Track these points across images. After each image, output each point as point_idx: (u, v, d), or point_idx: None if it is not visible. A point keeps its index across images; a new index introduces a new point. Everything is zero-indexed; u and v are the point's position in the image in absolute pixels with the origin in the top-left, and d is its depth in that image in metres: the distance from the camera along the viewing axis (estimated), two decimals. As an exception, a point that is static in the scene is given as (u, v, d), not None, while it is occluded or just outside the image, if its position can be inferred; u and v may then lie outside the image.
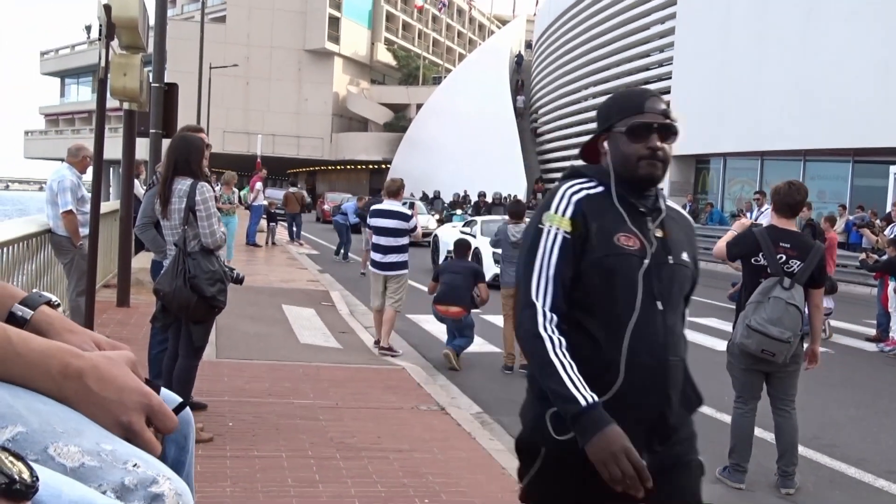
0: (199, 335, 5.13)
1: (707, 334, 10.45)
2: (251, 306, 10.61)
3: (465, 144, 46.58)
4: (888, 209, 19.18)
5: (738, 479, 5.12)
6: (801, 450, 5.95)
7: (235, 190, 16.21)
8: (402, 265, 8.81)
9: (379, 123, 66.61)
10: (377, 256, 8.81)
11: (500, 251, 8.95)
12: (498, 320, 11.21)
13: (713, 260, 6.36)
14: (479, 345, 9.54)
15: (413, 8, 77.44)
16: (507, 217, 8.84)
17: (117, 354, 1.24)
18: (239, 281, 5.47)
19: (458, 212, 23.54)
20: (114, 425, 1.16)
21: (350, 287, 13.82)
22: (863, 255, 11.11)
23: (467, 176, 40.21)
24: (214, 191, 5.35)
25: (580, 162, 2.43)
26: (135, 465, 1.12)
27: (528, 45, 60.72)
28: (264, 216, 20.96)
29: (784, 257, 4.85)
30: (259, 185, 20.11)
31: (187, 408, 1.45)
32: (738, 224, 5.26)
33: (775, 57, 25.79)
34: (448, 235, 17.24)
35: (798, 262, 4.84)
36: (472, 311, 8.83)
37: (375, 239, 8.86)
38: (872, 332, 11.28)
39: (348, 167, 69.25)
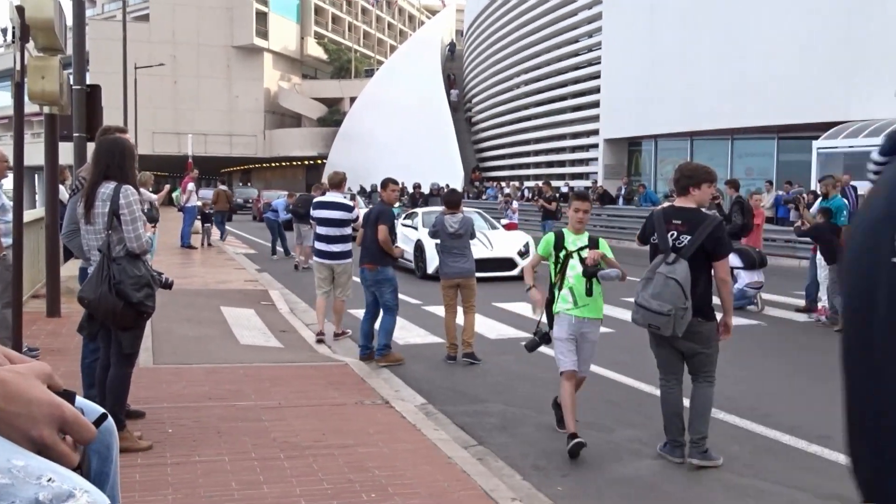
0: (129, 342, 5.00)
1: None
2: (188, 309, 10.43)
3: (400, 136, 46.47)
4: (813, 184, 19.70)
5: (677, 453, 5.21)
6: (739, 421, 6.13)
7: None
8: (348, 255, 9.13)
9: (312, 118, 66.00)
10: (322, 247, 9.08)
11: (438, 242, 8.85)
12: (441, 311, 11.25)
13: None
14: (421, 336, 9.57)
15: (342, 0, 76.83)
16: (444, 207, 8.75)
17: (27, 367, 1.20)
18: (168, 286, 5.37)
19: (396, 204, 23.44)
20: (24, 440, 1.12)
21: (289, 285, 13.68)
22: (798, 222, 11.42)
23: (404, 168, 40.05)
24: (141, 195, 5.22)
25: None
26: (49, 480, 1.08)
27: (459, 35, 60.80)
28: (198, 217, 20.58)
29: (675, 234, 4.97)
30: (191, 185, 19.71)
31: (109, 418, 1.41)
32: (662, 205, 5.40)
33: (702, 39, 26.29)
34: None
35: (688, 237, 4.93)
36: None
37: (320, 230, 9.15)
38: (802, 303, 11.61)
39: (283, 164, 68.52)
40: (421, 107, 46.56)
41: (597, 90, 33.29)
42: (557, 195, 23.58)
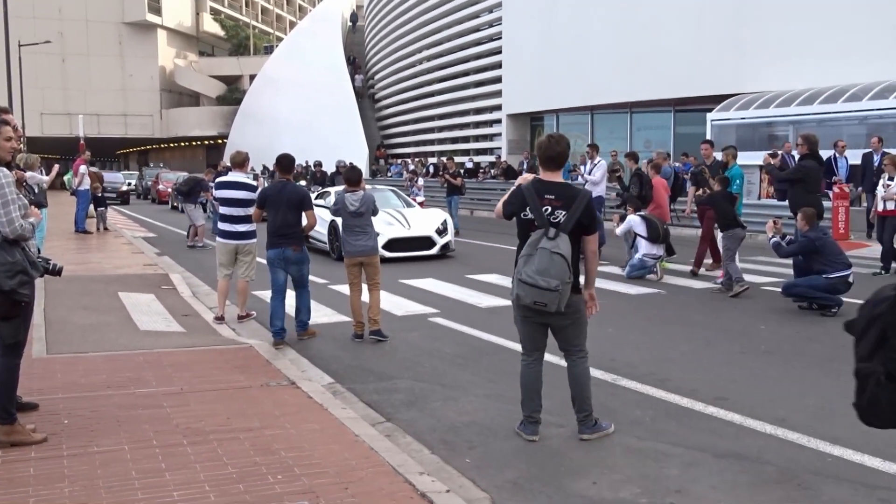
0: (10, 332, 4.76)
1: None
2: (84, 296, 10.06)
3: (302, 114, 45.72)
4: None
5: (531, 430, 5.19)
6: (639, 386, 6.32)
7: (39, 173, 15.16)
8: (252, 234, 8.99)
9: (211, 97, 64.28)
10: (226, 227, 8.91)
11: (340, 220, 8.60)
12: (347, 290, 11.17)
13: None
14: (328, 315, 9.49)
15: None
16: (344, 185, 8.61)
17: None
18: (57, 272, 5.15)
19: (302, 183, 22.86)
20: None
21: (191, 268, 13.34)
22: (699, 192, 11.80)
23: (308, 146, 39.56)
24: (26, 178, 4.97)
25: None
26: None
27: (360, 10, 60.07)
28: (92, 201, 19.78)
29: (549, 209, 4.89)
30: (83, 168, 18.92)
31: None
32: (520, 178, 5.31)
33: (599, 14, 26.73)
34: None
35: (563, 213, 4.87)
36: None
37: (223, 210, 8.97)
38: (700, 271, 12.06)
39: (182, 144, 66.65)
40: (323, 83, 45.87)
41: (498, 66, 33.51)
42: (462, 171, 23.71)
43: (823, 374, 6.65)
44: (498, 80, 33.68)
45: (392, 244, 14.06)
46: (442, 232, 14.67)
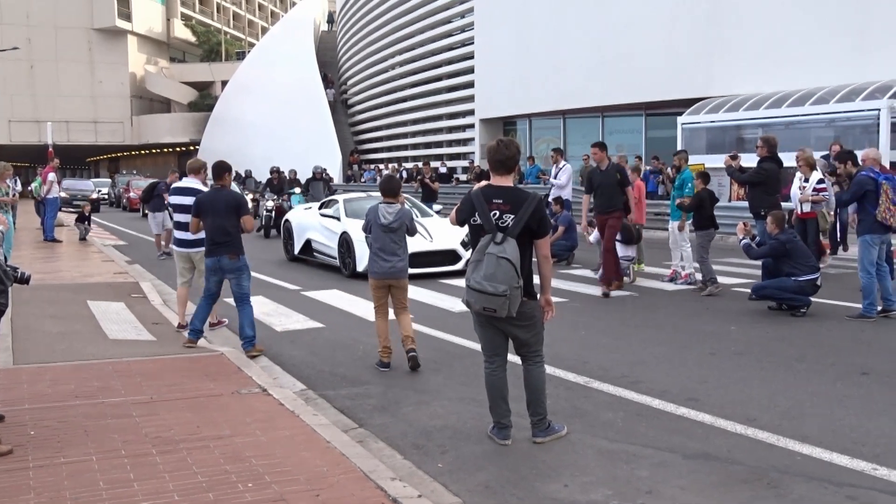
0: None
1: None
2: (52, 305, 9.94)
3: (275, 119, 45.53)
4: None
5: (503, 435, 5.19)
6: (612, 388, 6.34)
7: (12, 182, 14.94)
8: (202, 242, 8.52)
9: (183, 103, 63.85)
10: (180, 234, 8.73)
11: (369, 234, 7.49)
12: (322, 296, 11.15)
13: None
14: (300, 321, 9.44)
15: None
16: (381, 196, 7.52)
17: None
18: (24, 280, 5.08)
19: (297, 190, 22.27)
20: None
21: (162, 276, 13.22)
22: (679, 200, 11.89)
23: (280, 151, 39.46)
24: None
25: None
26: None
27: (331, 18, 60.02)
28: (65, 209, 19.47)
29: (498, 213, 4.86)
30: (52, 176, 18.70)
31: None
32: (477, 185, 5.27)
33: (572, 18, 26.87)
34: (303, 220, 15.27)
35: (511, 217, 4.83)
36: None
37: (177, 217, 8.80)
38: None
39: (153, 151, 66.13)
40: (295, 89, 45.75)
41: (471, 70, 33.62)
42: (434, 175, 23.67)
43: (793, 374, 6.72)
44: (471, 84, 33.78)
45: (414, 259, 10.35)
46: (467, 245, 12.50)
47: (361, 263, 12.11)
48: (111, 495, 4.16)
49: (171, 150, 64.33)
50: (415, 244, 10.55)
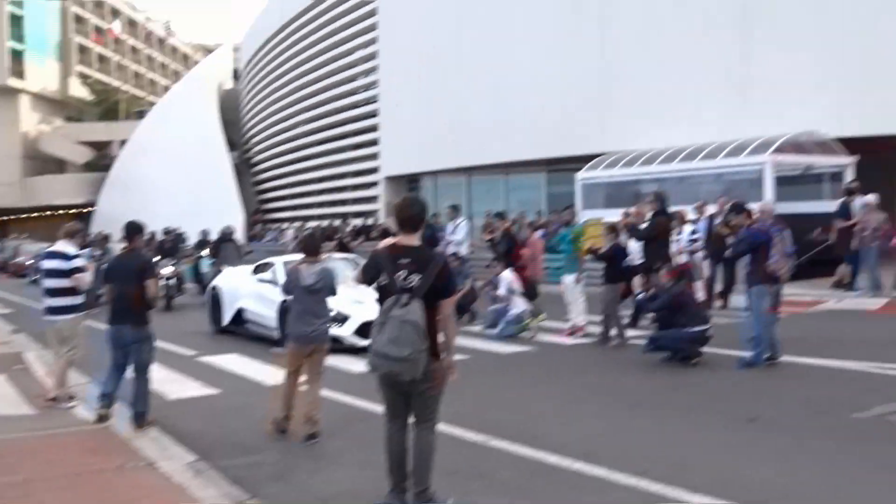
0: None
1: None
2: (-74, 380, 9.38)
3: (176, 180, 44.69)
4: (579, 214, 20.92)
5: (400, 500, 4.95)
6: (508, 445, 6.36)
7: None
8: (70, 309, 8.26)
9: (78, 163, 62.09)
10: (46, 300, 8.29)
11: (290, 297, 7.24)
12: (220, 361, 10.87)
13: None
14: (196, 388, 9.16)
15: (109, 38, 73.15)
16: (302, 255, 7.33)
17: None
18: None
19: (205, 252, 20.93)
20: None
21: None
22: (590, 246, 12.19)
23: (181, 213, 38.77)
24: None
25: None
26: None
27: (236, 74, 59.81)
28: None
29: (404, 273, 4.75)
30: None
31: None
32: (382, 243, 5.18)
33: (474, 78, 27.51)
34: (234, 286, 13.64)
35: (418, 277, 4.73)
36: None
37: (45, 283, 8.35)
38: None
39: (46, 213, 63.74)
40: (197, 148, 45.21)
41: (376, 128, 33.91)
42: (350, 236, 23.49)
43: (685, 423, 6.89)
44: (376, 142, 34.05)
45: (366, 328, 9.96)
46: None
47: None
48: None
49: (65, 211, 62.20)
50: (366, 312, 10.21)
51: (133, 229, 7.58)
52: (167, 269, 17.98)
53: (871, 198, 14.85)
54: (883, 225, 14.15)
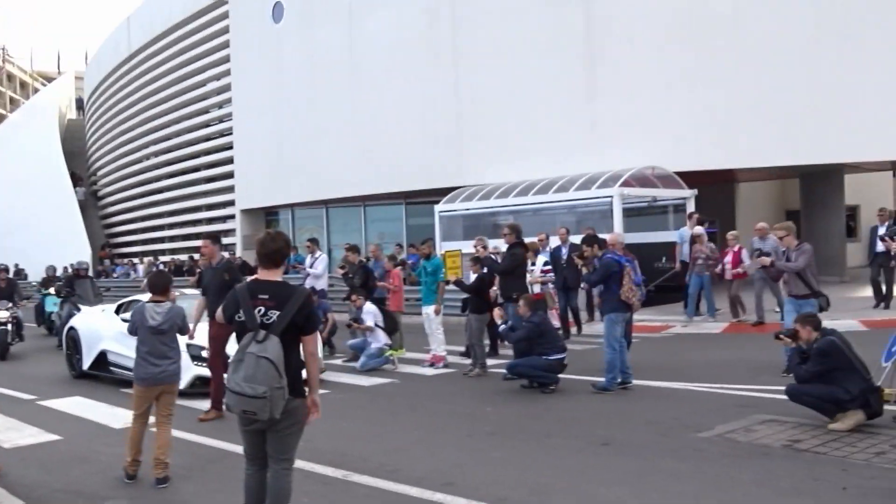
0: None
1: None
2: None
3: (15, 213, 42.18)
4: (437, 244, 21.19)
5: None
6: (371, 480, 6.29)
7: None
8: None
9: None
10: None
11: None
12: (61, 405, 10.24)
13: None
14: (34, 435, 8.56)
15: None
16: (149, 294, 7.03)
17: None
18: None
19: (51, 291, 19.48)
20: None
21: None
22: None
23: (23, 248, 36.58)
24: None
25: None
26: None
27: (80, 104, 57.28)
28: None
29: (263, 309, 4.65)
30: None
31: None
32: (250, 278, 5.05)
33: (329, 111, 27.43)
34: (94, 327, 12.48)
35: (277, 313, 4.64)
36: None
37: None
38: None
39: None
40: (39, 180, 42.90)
41: (230, 161, 33.25)
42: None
43: (542, 449, 7.04)
44: (230, 175, 33.34)
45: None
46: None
47: (187, 375, 9.66)
48: None
49: None
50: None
51: None
52: (2, 314, 15.62)
53: (699, 229, 15.91)
54: (712, 254, 15.11)
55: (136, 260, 36.25)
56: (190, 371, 9.94)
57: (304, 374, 4.83)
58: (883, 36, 18.81)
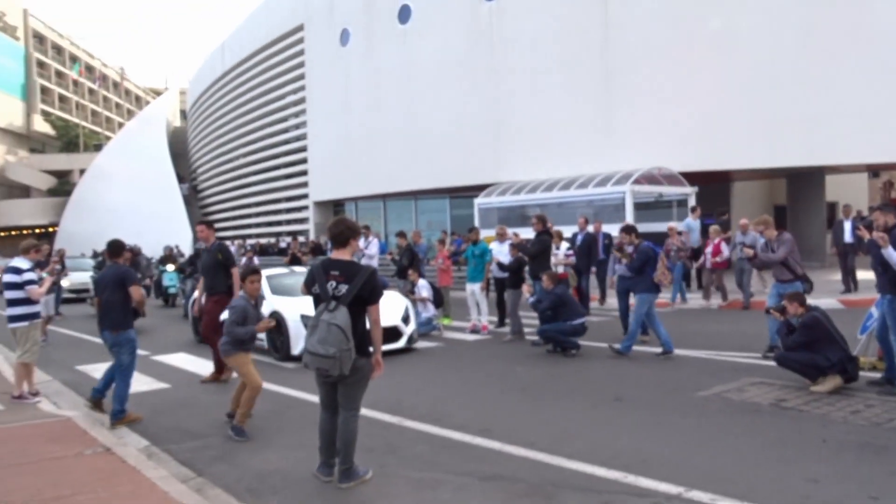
0: None
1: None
2: None
3: (131, 204, 43.21)
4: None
5: (326, 472, 5.01)
6: (419, 425, 6.32)
7: None
8: (23, 318, 7.85)
9: (42, 189, 59.05)
10: (7, 310, 7.91)
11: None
12: (170, 360, 10.47)
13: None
14: (148, 383, 8.78)
15: (70, 80, 70.06)
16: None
17: None
18: None
19: (170, 267, 19.60)
20: None
21: (12, 344, 11.91)
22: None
23: (137, 233, 37.39)
24: None
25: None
26: None
27: (184, 114, 58.13)
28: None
29: (335, 283, 4.71)
30: None
31: None
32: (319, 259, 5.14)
33: (386, 120, 27.50)
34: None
35: (346, 287, 4.69)
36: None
37: (5, 294, 7.88)
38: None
39: (13, 233, 60.37)
40: (149, 175, 43.88)
41: (305, 161, 33.53)
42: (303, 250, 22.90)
43: (565, 404, 7.00)
44: (305, 172, 33.63)
45: None
46: (407, 319, 10.56)
47: (297, 346, 9.49)
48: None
49: (30, 231, 59.05)
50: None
51: (117, 247, 7.18)
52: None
53: (676, 224, 15.66)
54: (682, 246, 14.72)
55: (228, 242, 36.80)
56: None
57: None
58: (858, 56, 18.31)
